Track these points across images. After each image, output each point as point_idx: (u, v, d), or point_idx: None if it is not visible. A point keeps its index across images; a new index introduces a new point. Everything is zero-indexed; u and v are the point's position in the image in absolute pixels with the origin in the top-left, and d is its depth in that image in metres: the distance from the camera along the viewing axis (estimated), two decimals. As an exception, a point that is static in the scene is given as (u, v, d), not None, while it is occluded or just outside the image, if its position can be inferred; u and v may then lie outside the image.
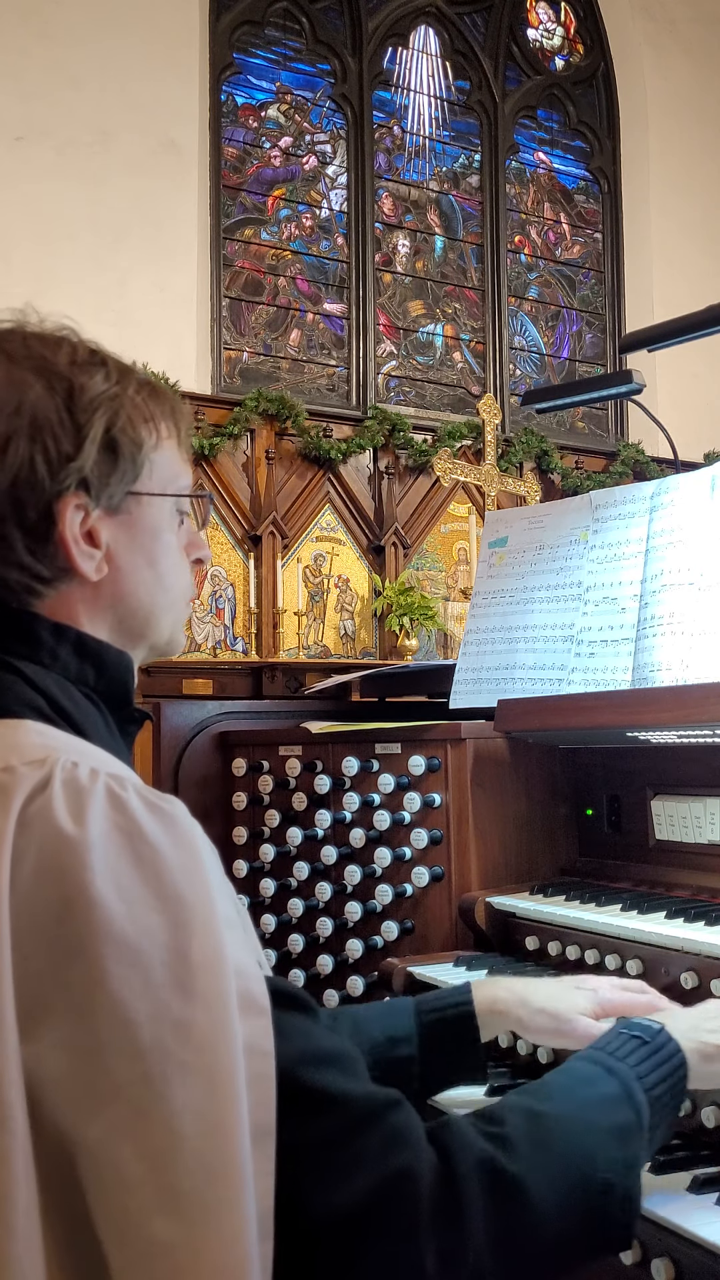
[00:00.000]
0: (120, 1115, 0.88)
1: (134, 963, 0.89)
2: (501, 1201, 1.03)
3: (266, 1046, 0.94)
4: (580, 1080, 1.19)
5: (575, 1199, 1.07)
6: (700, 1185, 1.30)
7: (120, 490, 1.17)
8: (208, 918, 0.93)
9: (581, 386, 3.48)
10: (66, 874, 0.91)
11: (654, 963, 1.74)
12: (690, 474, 2.25)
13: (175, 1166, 0.87)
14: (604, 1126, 1.13)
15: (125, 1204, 0.87)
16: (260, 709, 3.08)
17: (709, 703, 1.79)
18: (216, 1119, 0.89)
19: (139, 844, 0.94)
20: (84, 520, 1.14)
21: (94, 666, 1.16)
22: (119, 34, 6.07)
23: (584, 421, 7.79)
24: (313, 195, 7.00)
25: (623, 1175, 1.11)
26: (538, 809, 2.27)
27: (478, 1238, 1.00)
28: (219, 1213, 0.88)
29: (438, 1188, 1.00)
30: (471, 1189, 1.01)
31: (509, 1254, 1.02)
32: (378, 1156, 0.99)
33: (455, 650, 5.20)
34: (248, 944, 0.99)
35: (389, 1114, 1.02)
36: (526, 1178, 1.05)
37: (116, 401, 1.16)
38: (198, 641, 5.88)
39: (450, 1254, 0.99)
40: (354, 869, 2.34)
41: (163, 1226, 0.87)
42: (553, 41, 7.92)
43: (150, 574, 1.20)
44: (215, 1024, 0.91)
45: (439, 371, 7.32)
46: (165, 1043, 0.89)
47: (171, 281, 6.16)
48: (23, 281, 5.63)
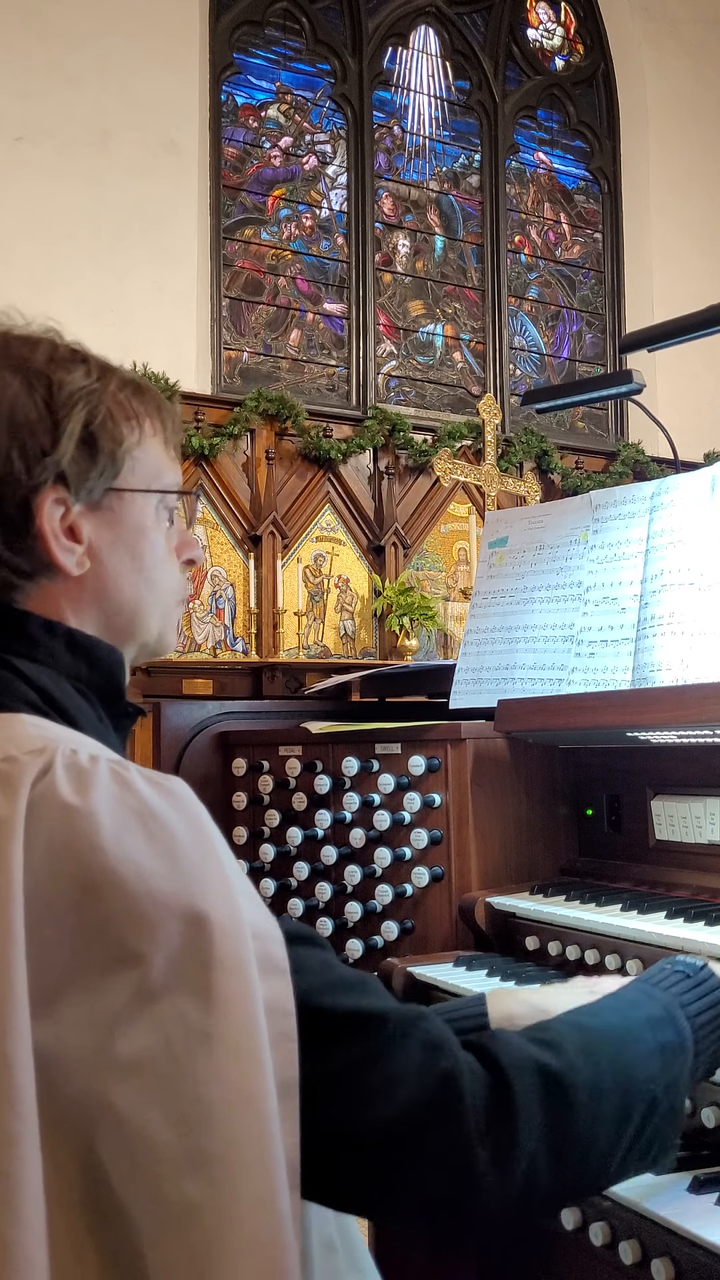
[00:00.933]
0: (146, 1083, 0.89)
1: (153, 937, 0.91)
2: (551, 1101, 1.04)
3: (287, 1005, 0.96)
4: (626, 1002, 1.22)
5: (621, 1108, 1.08)
6: (700, 1185, 1.31)
7: (100, 486, 1.17)
8: (222, 887, 0.95)
9: (581, 386, 3.48)
10: (80, 855, 0.92)
11: (654, 963, 1.74)
12: (690, 474, 2.25)
13: (202, 1131, 0.89)
14: (648, 1043, 1.14)
15: (155, 1170, 0.88)
16: (260, 709, 3.08)
17: (709, 703, 1.79)
18: (241, 1082, 0.90)
19: (149, 821, 0.95)
20: (64, 515, 1.15)
21: (85, 661, 1.16)
22: (119, 34, 6.07)
23: (584, 421, 7.79)
24: (313, 195, 7.00)
25: (666, 1092, 1.12)
26: (538, 809, 2.27)
27: (530, 1135, 1.01)
28: (247, 1173, 0.89)
29: (485, 1088, 1.02)
30: (521, 1088, 1.03)
31: (560, 1154, 1.03)
32: (418, 1065, 1.00)
33: (455, 650, 5.20)
34: (263, 906, 1.00)
35: (421, 1024, 1.03)
36: (575, 1081, 1.06)
37: (95, 397, 1.16)
38: (198, 641, 5.88)
39: (502, 1152, 1.00)
40: (354, 869, 2.34)
41: (193, 1189, 0.88)
42: (553, 41, 7.92)
43: (135, 571, 1.20)
44: (236, 989, 0.92)
45: (439, 371, 7.32)
46: (186, 1011, 0.90)
47: (171, 281, 6.17)
48: (23, 281, 5.63)
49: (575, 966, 1.92)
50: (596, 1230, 1.33)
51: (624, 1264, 1.29)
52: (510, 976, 1.88)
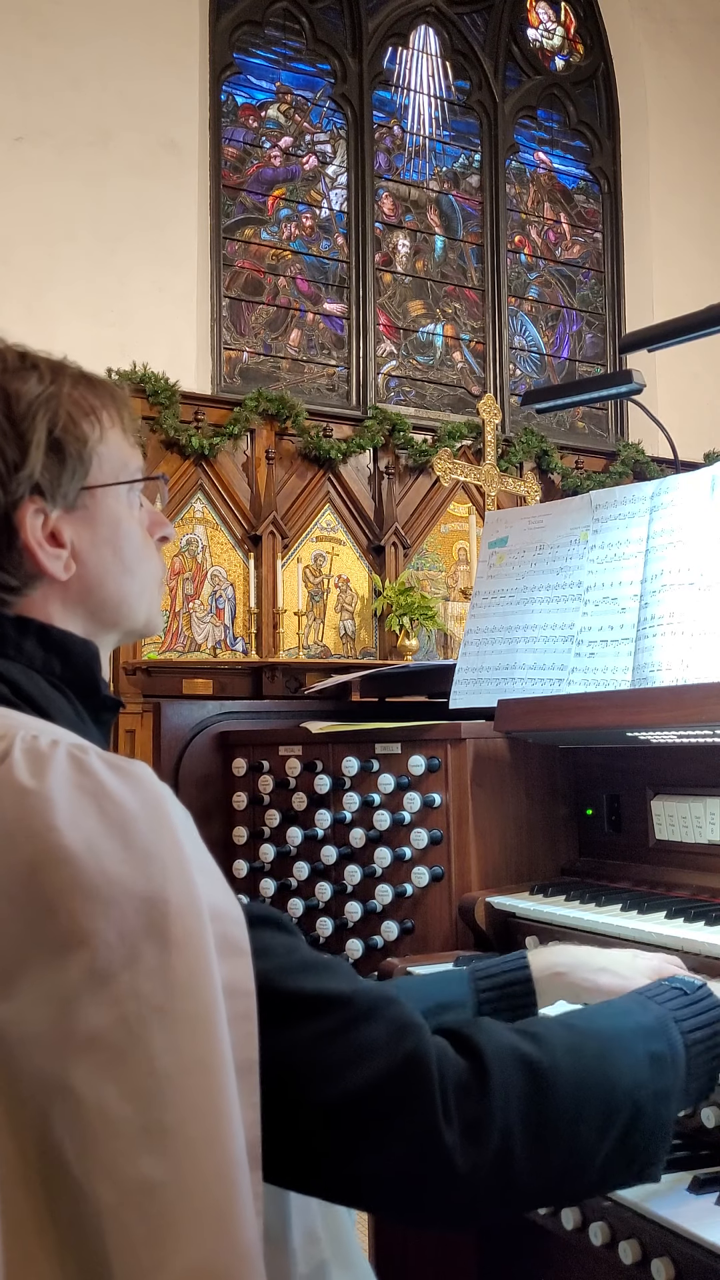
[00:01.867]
0: (102, 1060, 0.89)
1: (107, 915, 0.91)
2: (530, 1089, 1.04)
3: (247, 986, 0.96)
4: (618, 1010, 1.21)
5: (605, 1109, 1.08)
6: (700, 1185, 1.31)
7: (73, 488, 1.19)
8: (180, 866, 0.95)
9: (581, 386, 3.47)
10: (33, 835, 0.92)
11: (654, 963, 1.74)
12: (690, 474, 2.25)
13: (159, 1106, 0.89)
14: (637, 1050, 1.14)
15: (112, 1145, 0.89)
16: (260, 709, 3.08)
17: (709, 703, 1.79)
18: (198, 1058, 0.91)
19: (104, 801, 0.95)
20: (44, 523, 1.16)
21: (59, 656, 1.17)
22: (119, 34, 6.07)
23: (584, 421, 7.79)
24: (313, 195, 7.00)
25: (652, 1101, 1.12)
26: (538, 809, 2.27)
27: (504, 1116, 1.01)
28: (205, 1148, 0.90)
29: (458, 1069, 1.02)
30: (497, 1070, 1.03)
31: (537, 1142, 1.03)
32: (384, 1043, 1.01)
33: (455, 650, 5.20)
34: (225, 887, 1.00)
35: (389, 1007, 1.04)
36: (556, 1074, 1.06)
37: (54, 402, 1.17)
38: (198, 641, 5.88)
39: (474, 1128, 1.00)
40: (354, 869, 2.34)
41: (150, 1165, 0.88)
42: (553, 41, 7.92)
43: (117, 564, 1.22)
44: (192, 968, 0.92)
45: (439, 371, 7.32)
46: (142, 989, 0.90)
47: (171, 281, 6.16)
48: (23, 281, 5.64)
49: (575, 966, 1.92)
50: (596, 1230, 1.33)
51: (624, 1264, 1.29)
52: (510, 976, 1.88)
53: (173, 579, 5.83)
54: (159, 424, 5.68)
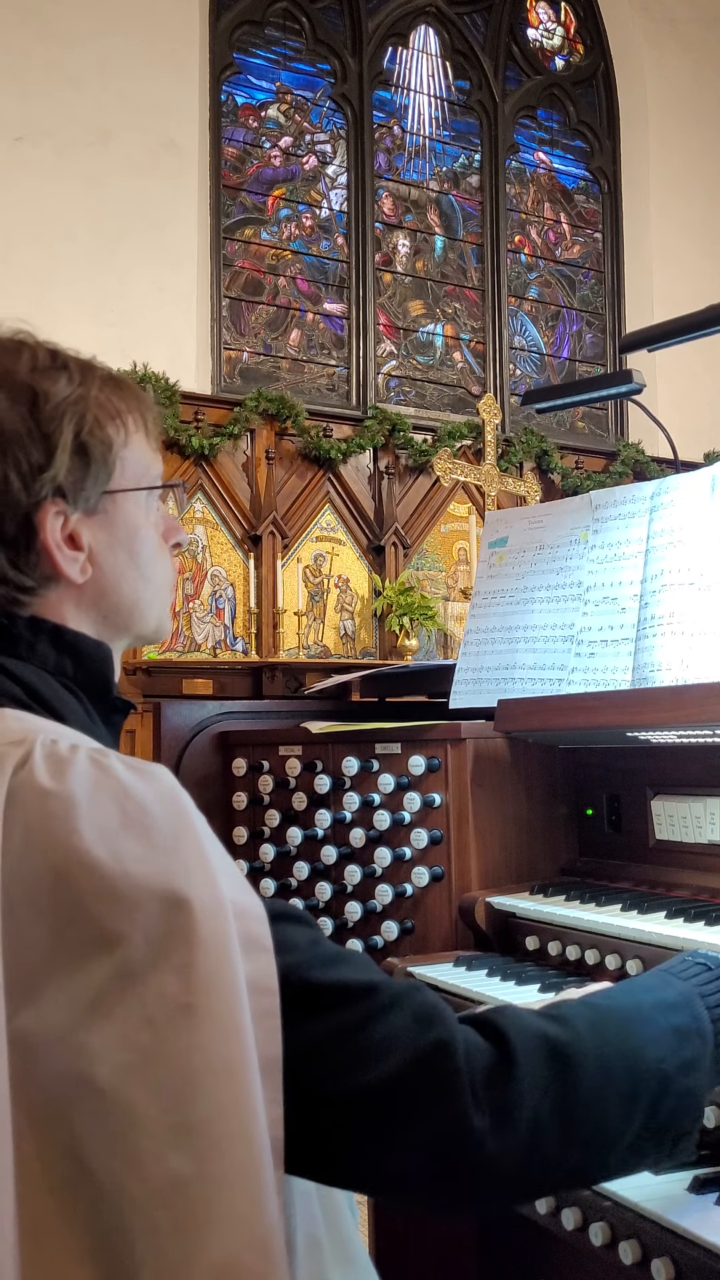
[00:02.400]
0: (129, 1059, 0.90)
1: (130, 917, 0.91)
2: (555, 1068, 1.04)
3: (270, 984, 0.96)
4: (640, 986, 1.21)
5: (631, 1082, 1.08)
6: (700, 1185, 1.31)
7: (96, 491, 1.18)
8: (203, 864, 0.95)
9: (581, 386, 3.47)
10: (56, 839, 0.93)
11: (654, 963, 1.74)
12: (690, 474, 2.25)
13: (186, 1103, 0.90)
14: (660, 1023, 1.14)
15: (140, 1143, 0.89)
16: (260, 709, 3.07)
17: (709, 703, 1.79)
18: (224, 1056, 0.91)
19: (126, 803, 0.95)
20: (64, 525, 1.16)
21: (71, 658, 1.17)
22: (119, 34, 6.07)
23: (584, 421, 7.79)
24: (313, 195, 7.00)
25: (679, 1071, 1.11)
26: (538, 809, 2.27)
27: (533, 1098, 1.02)
28: (232, 1145, 0.90)
29: (483, 1057, 1.02)
30: (524, 1055, 1.03)
31: (567, 1120, 1.03)
32: (410, 1031, 1.01)
33: (455, 650, 5.20)
34: (246, 884, 1.01)
35: (414, 995, 1.04)
36: (580, 1050, 1.06)
37: (82, 404, 1.17)
38: (198, 641, 5.87)
39: (503, 1112, 1.00)
40: (354, 869, 2.34)
41: (177, 1161, 0.89)
42: (553, 41, 7.92)
43: (132, 569, 1.22)
44: (218, 966, 0.93)
45: (439, 371, 7.32)
46: (168, 988, 0.91)
47: (171, 281, 6.16)
48: (23, 281, 5.64)
49: (575, 966, 1.92)
50: (596, 1230, 1.33)
51: (624, 1264, 1.29)
52: (510, 976, 1.88)
53: (173, 579, 5.84)
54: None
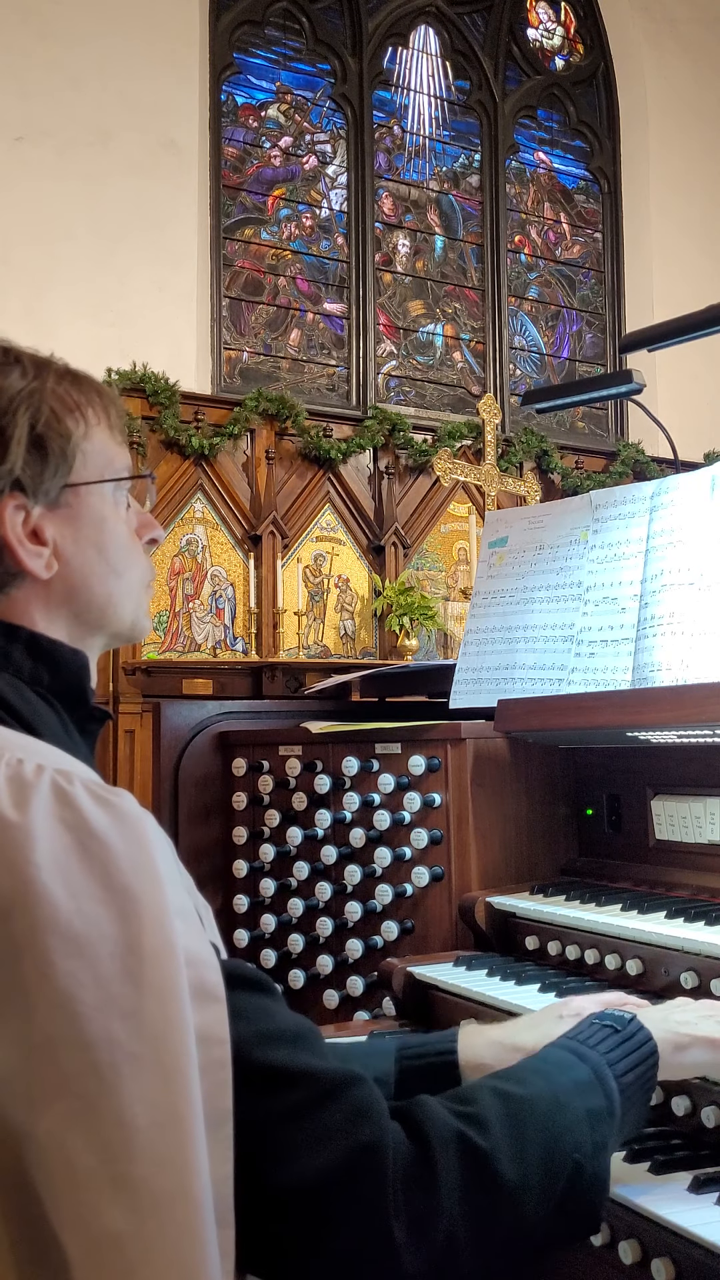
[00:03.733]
0: (70, 1108, 0.87)
1: (81, 955, 0.89)
2: (473, 1174, 1.03)
3: (221, 1033, 0.94)
4: (552, 1065, 1.20)
5: (546, 1177, 1.07)
6: (700, 1185, 1.31)
7: (55, 484, 1.17)
8: (157, 909, 0.93)
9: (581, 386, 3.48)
10: (11, 869, 0.91)
11: (654, 963, 1.74)
12: (690, 474, 2.25)
13: (127, 1157, 0.87)
14: (575, 1109, 1.13)
15: (77, 1197, 0.87)
16: (260, 709, 3.08)
17: (709, 703, 1.79)
18: (168, 1108, 0.89)
19: (85, 838, 0.93)
20: (25, 520, 1.15)
21: (48, 667, 1.15)
22: (119, 34, 6.07)
23: (584, 421, 7.79)
24: (313, 195, 7.00)
25: (591, 1157, 1.11)
26: (538, 809, 2.27)
27: (450, 1207, 1.01)
28: (173, 1202, 0.88)
29: (407, 1159, 1.01)
30: (443, 1160, 1.02)
31: (481, 1227, 1.03)
32: (342, 1130, 0.99)
33: (455, 650, 5.20)
34: (202, 932, 0.99)
35: (352, 1089, 1.02)
36: (498, 1153, 1.05)
37: (36, 397, 1.16)
38: (197, 641, 5.87)
39: (421, 1222, 0.99)
40: (354, 869, 2.34)
41: (116, 1218, 0.86)
42: (553, 41, 7.92)
43: (101, 563, 1.21)
44: (166, 1014, 0.91)
45: (439, 371, 7.32)
46: (114, 1034, 0.89)
47: (171, 281, 6.16)
48: (23, 281, 5.63)
49: (575, 966, 1.92)
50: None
51: (624, 1264, 1.29)
52: (510, 976, 1.89)
53: (172, 579, 5.83)
54: (159, 424, 5.68)
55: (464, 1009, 1.90)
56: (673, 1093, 1.46)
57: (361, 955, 2.32)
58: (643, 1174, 1.36)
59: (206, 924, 1.04)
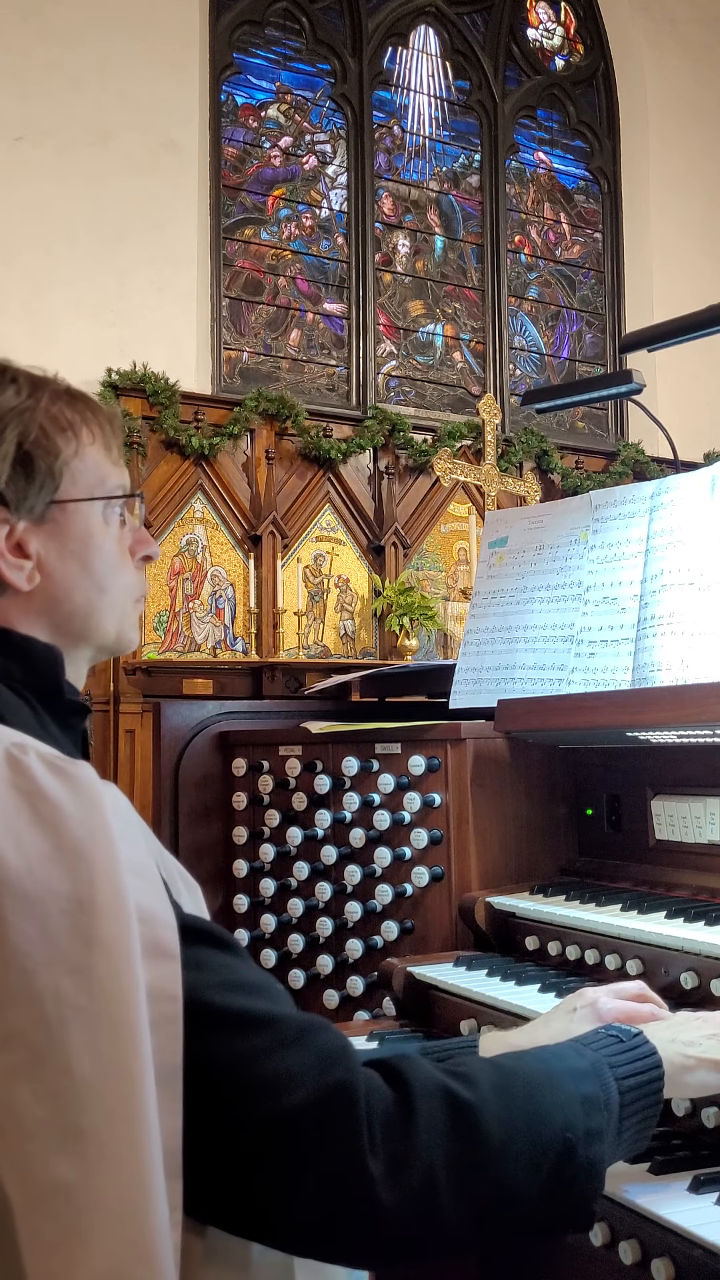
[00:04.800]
0: (18, 1059, 0.89)
1: (31, 913, 0.91)
2: (454, 1123, 1.03)
3: (174, 990, 0.96)
4: (551, 1053, 1.21)
5: (533, 1147, 1.07)
6: (700, 1185, 1.31)
7: (41, 501, 1.20)
8: (110, 868, 0.95)
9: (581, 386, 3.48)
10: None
11: (654, 963, 1.74)
12: (690, 474, 2.25)
13: (75, 1107, 0.89)
14: (568, 1090, 1.13)
15: (25, 1147, 0.88)
16: (260, 709, 3.08)
17: (709, 703, 1.79)
18: (116, 1060, 0.90)
19: (37, 801, 0.95)
20: (9, 534, 1.18)
21: (19, 661, 1.17)
22: (119, 34, 6.07)
23: (584, 421, 7.79)
24: (313, 195, 7.00)
25: (584, 1142, 1.10)
26: (538, 809, 2.28)
27: (429, 1152, 1.01)
28: (119, 1152, 0.89)
29: (385, 1102, 1.02)
30: (424, 1107, 1.03)
31: (462, 1176, 1.03)
32: (312, 1070, 1.00)
33: (455, 650, 5.19)
34: (160, 892, 1.00)
35: (320, 1033, 1.03)
36: (483, 1109, 1.05)
37: (27, 415, 1.19)
38: (198, 641, 5.88)
39: (398, 1161, 0.99)
40: (354, 869, 2.34)
41: (63, 1167, 0.88)
42: (553, 41, 7.92)
43: (85, 578, 1.23)
44: (115, 969, 0.92)
45: (439, 371, 7.32)
46: (63, 988, 0.90)
47: (171, 281, 6.16)
48: (23, 281, 5.63)
49: (575, 966, 1.92)
50: (596, 1230, 1.32)
51: (624, 1264, 1.29)
52: (510, 976, 1.89)
53: (172, 579, 5.83)
54: (159, 424, 5.68)
55: (464, 1009, 1.90)
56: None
57: (361, 955, 2.32)
58: (643, 1174, 1.36)
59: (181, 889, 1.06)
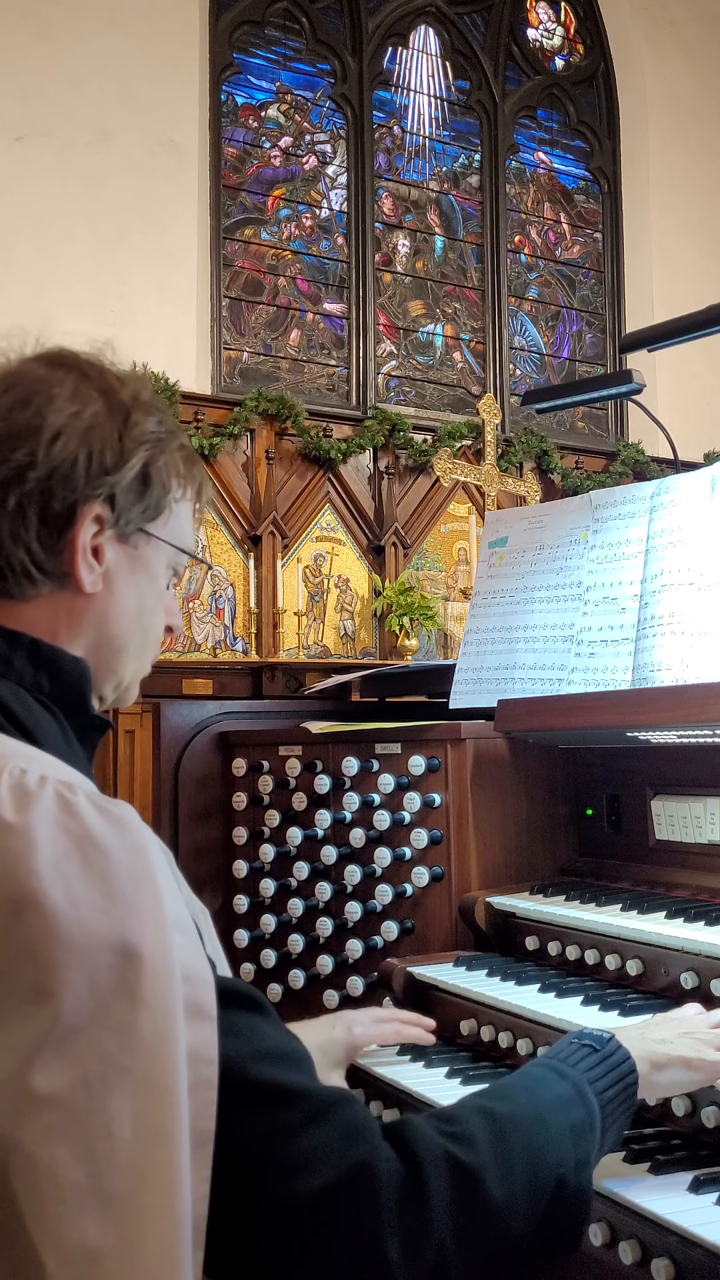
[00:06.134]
0: (57, 1118, 0.87)
1: (79, 966, 0.89)
2: (462, 1193, 1.04)
3: (210, 1054, 0.94)
4: (534, 1081, 1.22)
5: (531, 1194, 1.09)
6: (700, 1185, 1.31)
7: (138, 521, 1.24)
8: (157, 922, 0.93)
9: (581, 386, 3.48)
10: (13, 877, 0.91)
11: (654, 963, 1.74)
12: (690, 474, 2.25)
13: (111, 1171, 0.87)
14: (557, 1124, 1.15)
15: (59, 1208, 0.86)
16: (260, 709, 3.08)
17: (709, 703, 1.79)
18: (156, 1125, 0.88)
19: (87, 847, 0.94)
20: (98, 533, 1.20)
21: (49, 674, 1.17)
22: (119, 34, 6.07)
23: (584, 421, 7.79)
24: (313, 195, 7.00)
25: (574, 1172, 1.13)
26: (538, 809, 2.27)
27: (440, 1227, 1.01)
28: (153, 1219, 0.87)
29: (399, 1179, 1.01)
30: (433, 1181, 1.03)
31: (470, 1245, 1.04)
32: (335, 1149, 0.99)
33: (455, 650, 5.19)
34: (200, 948, 0.99)
35: (344, 1109, 1.03)
36: (485, 1171, 1.06)
37: (161, 446, 1.25)
38: (197, 641, 5.88)
39: (413, 1242, 1.00)
40: (354, 869, 2.34)
41: (95, 1231, 0.86)
42: (553, 41, 7.92)
43: (135, 607, 1.26)
44: (160, 1029, 0.90)
45: (439, 371, 7.32)
46: (107, 1047, 0.88)
47: (171, 281, 6.16)
48: (23, 281, 5.63)
49: (575, 966, 1.92)
50: (596, 1230, 1.33)
51: (624, 1264, 1.29)
52: (510, 976, 1.89)
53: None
54: (159, 424, 5.68)
55: (464, 1009, 1.90)
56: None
57: (361, 955, 2.32)
58: (643, 1174, 1.36)
59: (205, 935, 1.04)
